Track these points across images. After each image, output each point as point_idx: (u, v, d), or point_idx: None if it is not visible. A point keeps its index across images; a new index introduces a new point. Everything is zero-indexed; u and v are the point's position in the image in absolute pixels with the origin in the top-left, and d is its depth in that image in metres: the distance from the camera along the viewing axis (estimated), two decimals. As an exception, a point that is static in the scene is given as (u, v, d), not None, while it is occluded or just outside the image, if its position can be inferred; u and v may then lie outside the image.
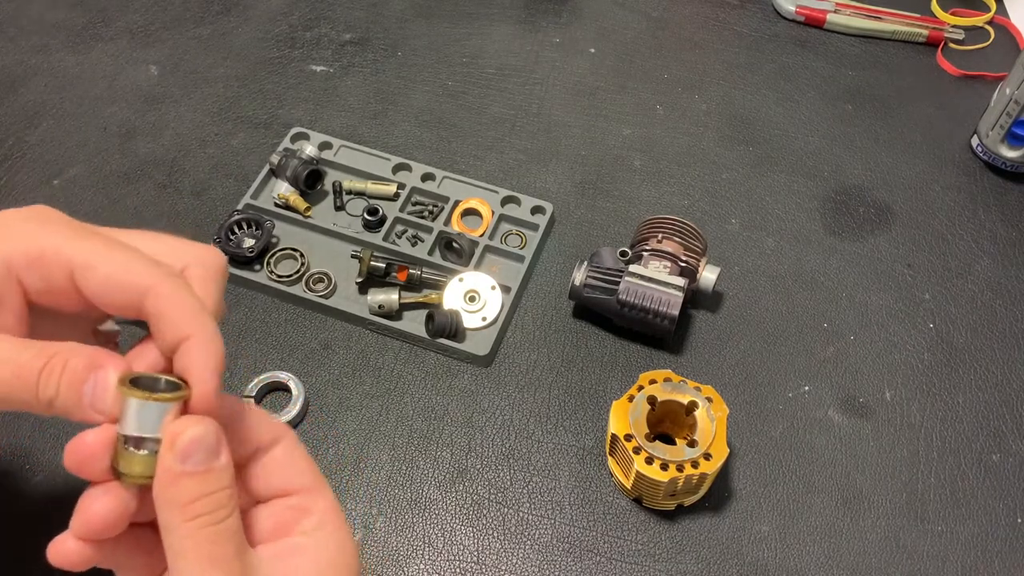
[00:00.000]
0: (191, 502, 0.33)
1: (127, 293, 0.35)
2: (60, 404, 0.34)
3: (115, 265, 0.35)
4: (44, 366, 0.33)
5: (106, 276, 0.35)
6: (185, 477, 0.33)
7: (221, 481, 0.34)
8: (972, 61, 0.90)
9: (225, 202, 0.75)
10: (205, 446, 0.34)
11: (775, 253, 0.74)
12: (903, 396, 0.66)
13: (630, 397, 0.59)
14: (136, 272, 0.35)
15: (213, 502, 0.34)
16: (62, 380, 0.34)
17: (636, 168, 0.80)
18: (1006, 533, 0.59)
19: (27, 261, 0.35)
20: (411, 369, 0.66)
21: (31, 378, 0.33)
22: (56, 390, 0.34)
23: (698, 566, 0.58)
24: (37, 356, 0.34)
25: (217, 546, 0.34)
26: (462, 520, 0.59)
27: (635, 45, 0.91)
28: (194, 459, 0.33)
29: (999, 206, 0.78)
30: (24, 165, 0.78)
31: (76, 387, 0.34)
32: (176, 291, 0.35)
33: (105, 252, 0.35)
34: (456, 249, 0.71)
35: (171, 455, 0.33)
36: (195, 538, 0.33)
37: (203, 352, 0.35)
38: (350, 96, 0.84)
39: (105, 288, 0.35)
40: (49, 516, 0.58)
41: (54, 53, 0.87)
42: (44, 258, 0.35)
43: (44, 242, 0.35)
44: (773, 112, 0.85)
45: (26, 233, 0.36)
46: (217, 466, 0.34)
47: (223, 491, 0.34)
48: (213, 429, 0.34)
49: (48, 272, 0.35)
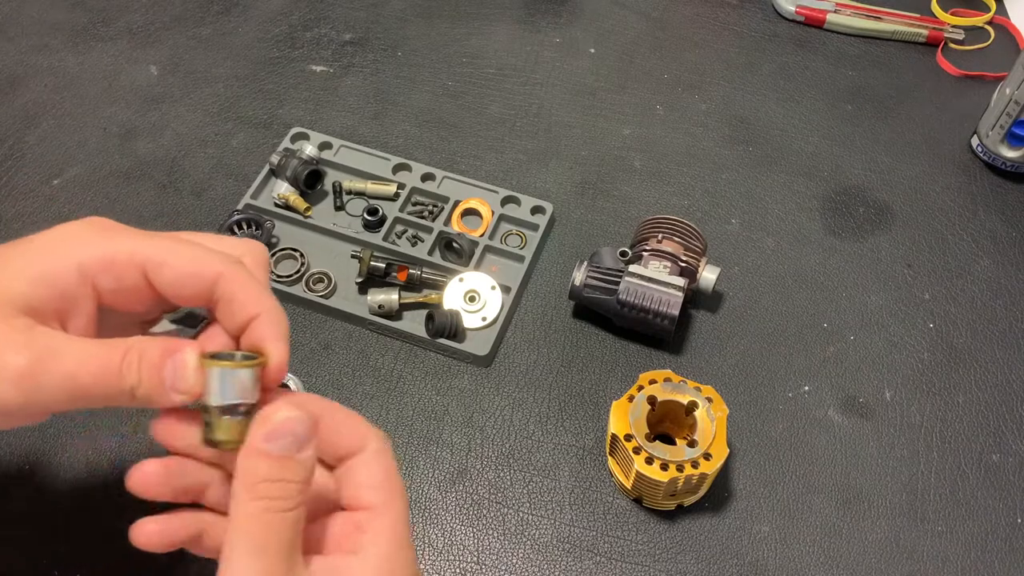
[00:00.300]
0: (261, 481, 0.35)
1: (200, 282, 0.38)
2: (143, 391, 0.37)
3: (186, 259, 0.38)
4: (123, 359, 0.36)
5: (180, 269, 0.38)
6: (265, 456, 0.35)
7: (296, 473, 0.35)
8: (972, 61, 0.90)
9: (225, 202, 0.75)
10: (292, 433, 0.35)
11: (775, 253, 0.74)
12: (903, 396, 0.66)
13: (630, 397, 0.59)
14: (206, 263, 0.38)
15: (281, 490, 0.35)
16: (142, 369, 0.36)
17: (636, 168, 0.80)
18: (1006, 533, 0.59)
19: (102, 266, 0.38)
20: (411, 369, 0.66)
21: (113, 371, 0.36)
22: (138, 378, 0.36)
23: (698, 566, 0.58)
24: (113, 350, 0.36)
25: (270, 536, 0.34)
26: (462, 520, 0.59)
27: (635, 45, 0.91)
28: (279, 443, 0.35)
29: (999, 206, 0.78)
30: (24, 165, 0.78)
31: (156, 373, 0.36)
32: (243, 275, 0.39)
33: (175, 248, 0.39)
34: (456, 249, 0.71)
35: (260, 432, 0.35)
36: (253, 519, 0.35)
37: (273, 324, 0.38)
38: (350, 96, 0.84)
39: (180, 280, 0.38)
40: (49, 516, 0.58)
41: (54, 53, 0.87)
42: (117, 261, 0.38)
43: (117, 246, 0.38)
44: (773, 112, 0.85)
45: (95, 240, 0.39)
46: (298, 457, 0.35)
47: (294, 484, 0.35)
48: (305, 421, 0.36)
49: (121, 273, 0.38)
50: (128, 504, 0.39)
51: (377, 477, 0.38)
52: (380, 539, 0.37)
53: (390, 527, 0.38)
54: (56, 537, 0.57)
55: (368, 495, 0.38)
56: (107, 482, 0.59)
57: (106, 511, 0.58)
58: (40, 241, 0.39)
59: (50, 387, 0.35)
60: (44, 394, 0.36)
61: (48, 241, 0.39)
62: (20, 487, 0.59)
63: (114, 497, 0.59)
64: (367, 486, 0.38)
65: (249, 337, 0.39)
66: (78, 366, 0.36)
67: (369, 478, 0.38)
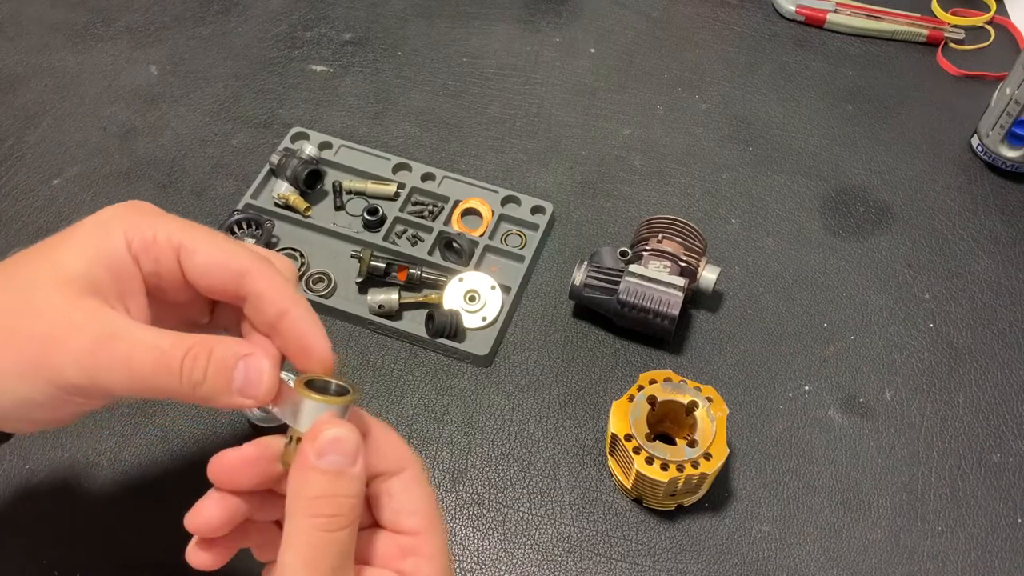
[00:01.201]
0: (316, 498, 0.35)
1: (227, 274, 0.39)
2: (207, 390, 0.36)
3: (218, 249, 0.39)
4: (186, 354, 0.36)
5: (209, 258, 0.39)
6: (317, 472, 0.35)
7: (349, 488, 0.35)
8: (972, 61, 0.90)
9: (225, 202, 0.75)
10: (342, 449, 0.35)
11: (775, 253, 0.74)
12: (903, 396, 0.66)
13: (630, 397, 0.59)
14: (236, 256, 0.39)
15: (335, 506, 0.35)
16: (209, 367, 0.36)
17: (636, 168, 0.80)
18: (1006, 533, 0.59)
19: (143, 245, 0.38)
20: (411, 369, 0.66)
21: (174, 365, 0.36)
22: (203, 375, 0.36)
23: (698, 566, 0.58)
24: (177, 344, 0.36)
25: (323, 554, 0.34)
26: (462, 520, 0.59)
27: (635, 45, 0.91)
28: (329, 458, 0.35)
29: (999, 206, 0.78)
30: (24, 165, 0.78)
31: (225, 374, 0.36)
32: (272, 272, 0.39)
33: (209, 238, 0.39)
34: (456, 249, 0.71)
35: (310, 448, 0.35)
36: (307, 536, 0.35)
37: (311, 322, 0.39)
38: (350, 96, 0.84)
39: (208, 269, 0.39)
40: (49, 516, 0.58)
41: (54, 53, 0.87)
42: (157, 243, 0.38)
43: (157, 228, 0.39)
44: (773, 112, 0.85)
45: (139, 221, 0.39)
46: (350, 472, 0.35)
47: (348, 499, 0.35)
48: (354, 436, 0.36)
49: (159, 255, 0.39)
50: (128, 504, 0.39)
51: (421, 503, 0.39)
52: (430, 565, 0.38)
53: (438, 553, 0.38)
54: (56, 537, 0.57)
55: (413, 521, 0.38)
56: (107, 482, 0.59)
57: (106, 511, 0.58)
58: (89, 223, 0.39)
59: (108, 369, 0.36)
60: (100, 376, 0.36)
61: (98, 222, 0.39)
62: (20, 487, 0.59)
63: (114, 497, 0.59)
64: (411, 512, 0.38)
65: (288, 333, 0.39)
66: (136, 352, 0.36)
67: (412, 503, 0.39)
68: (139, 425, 0.62)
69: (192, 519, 0.38)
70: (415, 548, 0.38)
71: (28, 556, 0.56)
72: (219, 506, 0.38)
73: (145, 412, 0.63)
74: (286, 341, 0.39)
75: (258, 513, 0.39)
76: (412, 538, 0.38)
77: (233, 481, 0.38)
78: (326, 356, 0.39)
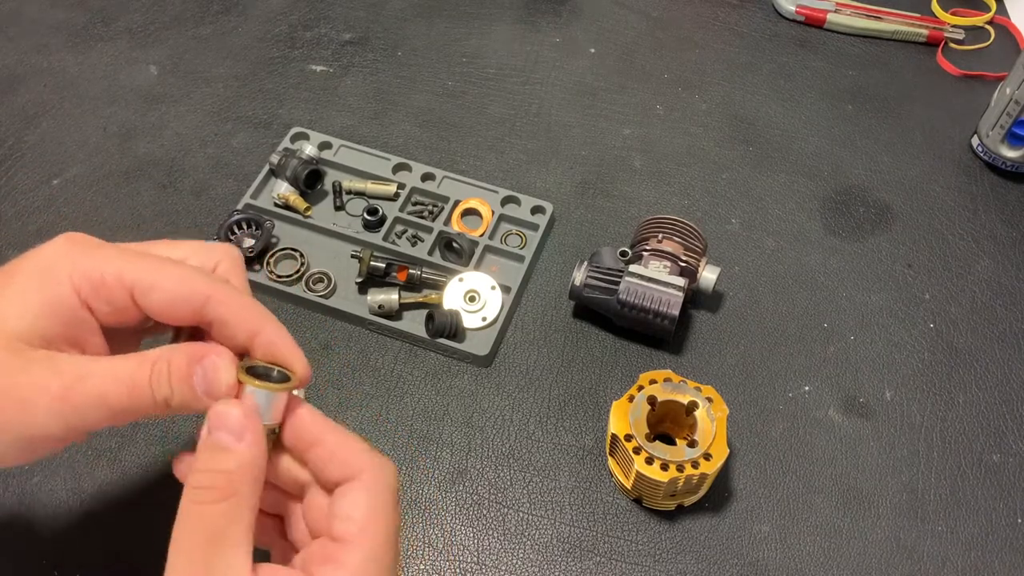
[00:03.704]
0: (195, 471, 0.35)
1: (189, 305, 0.38)
2: (177, 401, 0.36)
3: (174, 282, 0.38)
4: (151, 371, 0.36)
5: (169, 292, 0.38)
6: (203, 447, 0.35)
7: (225, 464, 0.35)
8: (972, 61, 0.90)
9: (225, 202, 0.75)
10: (225, 424, 0.35)
11: (775, 253, 0.74)
12: (903, 396, 0.66)
13: (630, 397, 0.58)
14: (193, 287, 0.38)
15: (208, 479, 0.35)
16: (172, 378, 0.36)
17: (636, 168, 0.80)
18: (1006, 533, 0.59)
19: (93, 288, 0.37)
20: (411, 369, 0.66)
21: (144, 386, 0.36)
22: (170, 389, 0.36)
23: (698, 566, 0.57)
24: (141, 365, 0.36)
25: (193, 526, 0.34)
26: (462, 520, 0.59)
27: (635, 45, 0.91)
28: (216, 435, 0.35)
29: (999, 206, 0.78)
30: (24, 165, 0.78)
31: (187, 380, 0.36)
32: (232, 296, 0.38)
33: (161, 271, 0.38)
34: (456, 249, 0.71)
35: (205, 424, 0.36)
36: (183, 509, 0.35)
37: (285, 337, 0.39)
38: (350, 96, 0.84)
39: (169, 304, 0.38)
40: (49, 516, 0.58)
41: (54, 53, 0.87)
42: (107, 284, 0.37)
43: (103, 268, 0.38)
44: (773, 112, 0.85)
45: (81, 260, 0.38)
46: (234, 448, 0.35)
47: (222, 474, 0.35)
48: (239, 414, 0.36)
49: (111, 295, 0.38)
50: (128, 504, 0.39)
51: (357, 510, 0.37)
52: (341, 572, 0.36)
53: (356, 563, 0.36)
54: (56, 538, 0.57)
55: (343, 527, 0.37)
56: (107, 482, 0.59)
57: (106, 511, 0.58)
58: (30, 269, 0.38)
59: (85, 409, 0.35)
60: (79, 418, 0.35)
61: (37, 267, 0.38)
62: (20, 487, 0.59)
63: (114, 497, 0.59)
64: (344, 517, 0.37)
65: (264, 352, 0.39)
66: (108, 386, 0.36)
67: (347, 510, 0.37)
68: (139, 425, 0.62)
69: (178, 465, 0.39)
70: (337, 556, 0.36)
71: (28, 556, 0.56)
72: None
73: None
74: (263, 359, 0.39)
75: None
76: (339, 546, 0.37)
77: None
78: (304, 372, 0.39)
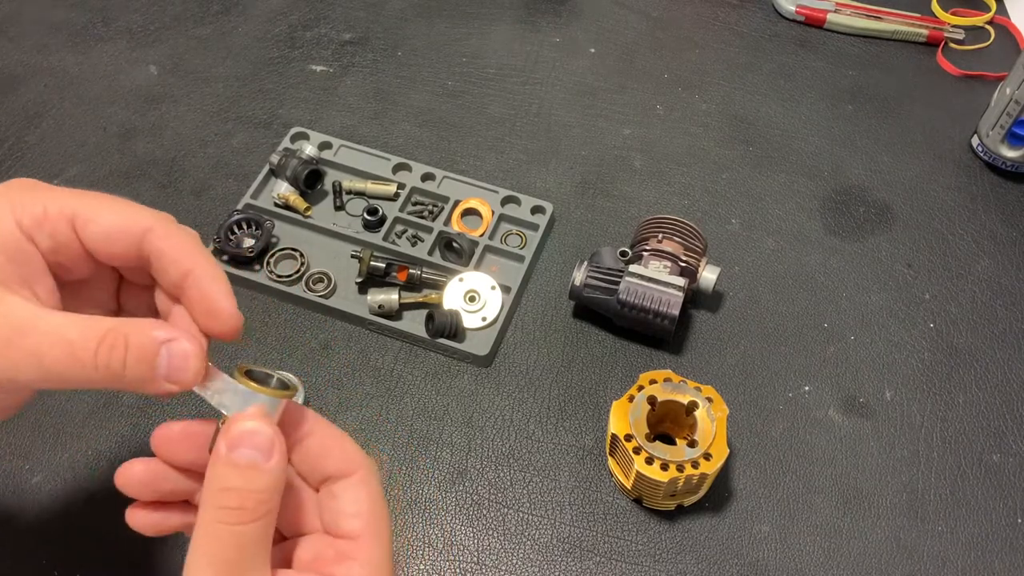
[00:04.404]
0: (221, 490, 0.34)
1: (127, 238, 0.37)
2: (130, 379, 0.34)
3: (114, 214, 0.37)
4: (100, 343, 0.34)
5: (108, 224, 0.37)
6: (226, 465, 0.34)
7: (258, 483, 0.34)
8: (972, 61, 0.90)
9: (225, 202, 0.75)
10: (255, 443, 0.34)
11: (775, 253, 0.74)
12: (903, 396, 0.66)
13: (630, 397, 0.58)
14: (134, 217, 0.37)
15: (240, 499, 0.34)
16: (128, 356, 0.34)
17: (636, 168, 0.80)
18: (1006, 533, 0.59)
19: (35, 221, 0.36)
20: (411, 369, 0.66)
21: (87, 357, 0.34)
22: (122, 365, 0.34)
23: (698, 566, 0.57)
24: (88, 331, 0.34)
25: (224, 548, 0.34)
26: (462, 520, 0.59)
27: (635, 45, 0.91)
28: (241, 451, 0.34)
29: (999, 206, 0.78)
30: (24, 165, 0.78)
31: (148, 360, 0.34)
32: (174, 230, 0.37)
33: (104, 204, 0.37)
34: (456, 249, 0.71)
35: (223, 440, 0.34)
36: (210, 528, 0.34)
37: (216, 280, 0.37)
38: (350, 96, 0.84)
39: (107, 235, 0.37)
40: (49, 515, 0.58)
41: (54, 53, 0.87)
42: (49, 216, 0.36)
43: (47, 202, 0.37)
44: (773, 112, 0.85)
45: (25, 198, 0.37)
46: (263, 467, 0.34)
47: (255, 494, 0.34)
48: (268, 430, 0.35)
49: (53, 229, 0.37)
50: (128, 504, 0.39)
51: (363, 506, 0.37)
52: (363, 571, 0.36)
53: (376, 559, 0.36)
54: (56, 537, 0.57)
55: (352, 524, 0.37)
56: (107, 482, 0.59)
57: (106, 511, 0.58)
58: None
59: (18, 368, 0.34)
60: (18, 374, 0.34)
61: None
62: (20, 487, 0.59)
63: (114, 497, 0.59)
64: (352, 514, 0.37)
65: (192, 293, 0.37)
66: (45, 347, 0.34)
67: (354, 506, 0.37)
68: (139, 425, 0.62)
69: (119, 473, 0.38)
70: (351, 553, 0.36)
71: (28, 556, 0.56)
72: (145, 466, 0.38)
73: (145, 412, 0.63)
74: (191, 303, 0.37)
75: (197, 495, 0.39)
76: (350, 543, 0.37)
77: (170, 452, 0.37)
78: (231, 316, 0.37)
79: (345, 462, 0.38)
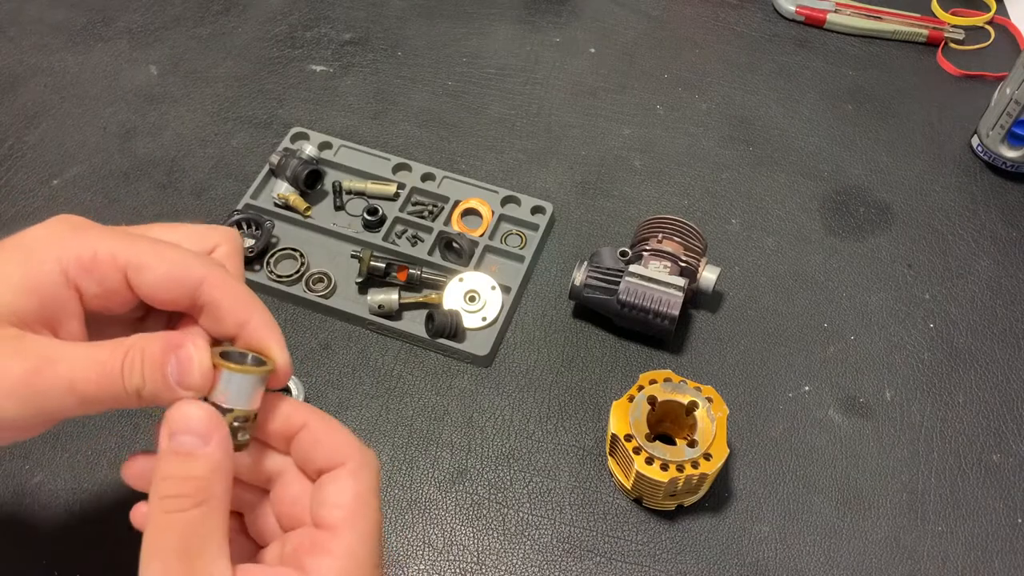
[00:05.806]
0: (162, 479, 0.34)
1: (182, 287, 0.37)
2: (148, 392, 0.35)
3: (169, 263, 0.37)
4: (123, 360, 0.34)
5: (162, 273, 0.37)
6: (167, 453, 0.34)
7: (194, 469, 0.34)
8: (972, 61, 0.90)
9: (225, 202, 0.75)
10: (191, 427, 0.34)
11: (775, 253, 0.74)
12: (903, 396, 0.66)
13: (630, 397, 0.58)
14: (188, 268, 0.37)
15: (178, 487, 0.34)
16: (144, 368, 0.35)
17: (636, 168, 0.80)
18: (1006, 533, 0.59)
19: (83, 267, 0.36)
20: (411, 369, 0.66)
21: (114, 374, 0.34)
22: (142, 379, 0.35)
23: (698, 566, 0.58)
24: (114, 352, 0.35)
25: (165, 536, 0.33)
26: (462, 520, 0.59)
27: (635, 45, 0.91)
28: (180, 439, 0.34)
29: (999, 206, 0.78)
30: (24, 165, 0.78)
31: (159, 370, 0.35)
32: (227, 281, 0.37)
33: (156, 251, 0.37)
34: (456, 249, 0.71)
35: (164, 428, 0.34)
36: (153, 519, 0.34)
37: (271, 329, 0.38)
38: (350, 96, 0.84)
39: (162, 285, 0.37)
40: (49, 515, 0.58)
41: (54, 53, 0.87)
42: (98, 262, 0.36)
43: (96, 247, 0.36)
44: (773, 112, 0.85)
45: (73, 241, 0.37)
46: (199, 452, 0.34)
47: (192, 480, 0.34)
48: (202, 414, 0.35)
49: (103, 275, 0.37)
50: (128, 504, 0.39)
51: (346, 497, 0.36)
52: (330, 560, 0.35)
53: (346, 549, 0.36)
54: (56, 537, 0.57)
55: (333, 514, 0.36)
56: (107, 482, 0.59)
57: (106, 511, 0.58)
58: (16, 246, 0.37)
59: (50, 396, 0.34)
60: (45, 404, 0.34)
61: (25, 245, 0.37)
62: (20, 487, 0.59)
63: (114, 497, 0.59)
64: (333, 504, 0.36)
65: (247, 342, 0.38)
66: (77, 372, 0.34)
67: (335, 497, 0.37)
68: (139, 425, 0.62)
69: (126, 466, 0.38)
70: (326, 544, 0.36)
71: (28, 556, 0.56)
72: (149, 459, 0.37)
73: (145, 412, 0.63)
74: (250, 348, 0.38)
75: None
76: (326, 533, 0.36)
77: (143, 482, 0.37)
78: (284, 365, 0.38)
79: (334, 452, 0.37)
